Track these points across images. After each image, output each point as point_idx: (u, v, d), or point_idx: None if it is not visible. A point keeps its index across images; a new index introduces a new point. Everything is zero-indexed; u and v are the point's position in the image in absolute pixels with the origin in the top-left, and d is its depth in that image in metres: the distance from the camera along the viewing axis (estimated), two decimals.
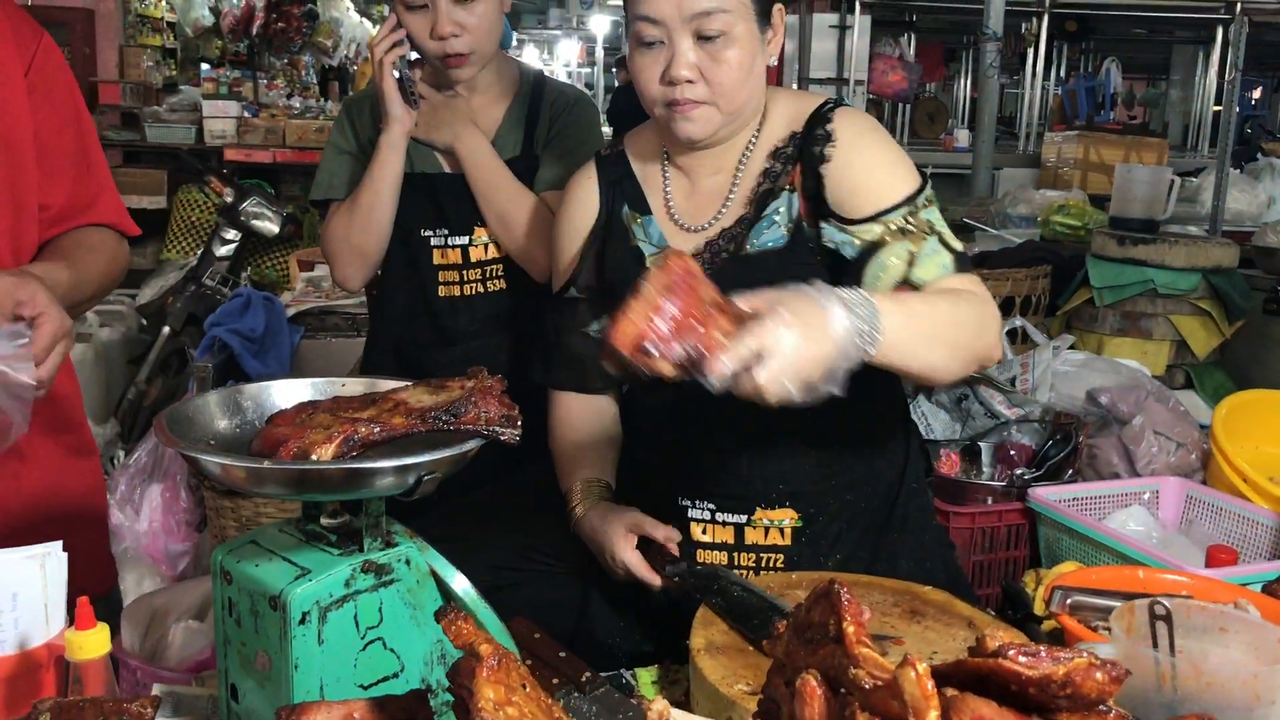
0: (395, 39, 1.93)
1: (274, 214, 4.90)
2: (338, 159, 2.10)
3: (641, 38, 1.52)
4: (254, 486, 1.13)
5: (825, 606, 0.99)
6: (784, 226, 1.58)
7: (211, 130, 7.54)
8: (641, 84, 1.55)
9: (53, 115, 1.66)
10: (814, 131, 1.57)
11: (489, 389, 1.20)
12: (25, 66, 1.62)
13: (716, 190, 1.64)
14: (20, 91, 1.61)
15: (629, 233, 1.68)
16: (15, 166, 1.60)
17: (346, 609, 1.17)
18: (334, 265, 2.07)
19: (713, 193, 1.64)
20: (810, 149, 1.57)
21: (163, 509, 2.68)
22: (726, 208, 1.62)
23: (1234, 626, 1.32)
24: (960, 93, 12.97)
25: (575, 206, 1.73)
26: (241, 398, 1.27)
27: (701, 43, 1.50)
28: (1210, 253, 3.82)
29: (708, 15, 1.49)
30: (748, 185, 1.62)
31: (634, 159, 1.72)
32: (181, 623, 1.58)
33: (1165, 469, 2.41)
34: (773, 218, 1.58)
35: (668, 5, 1.49)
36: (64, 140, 1.68)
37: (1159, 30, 11.46)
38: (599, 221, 1.70)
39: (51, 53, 1.69)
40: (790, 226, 1.58)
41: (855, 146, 1.55)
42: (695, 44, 1.51)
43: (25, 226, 1.63)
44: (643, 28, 1.51)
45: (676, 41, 1.50)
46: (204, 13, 8.80)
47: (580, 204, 1.72)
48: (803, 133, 1.59)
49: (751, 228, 1.59)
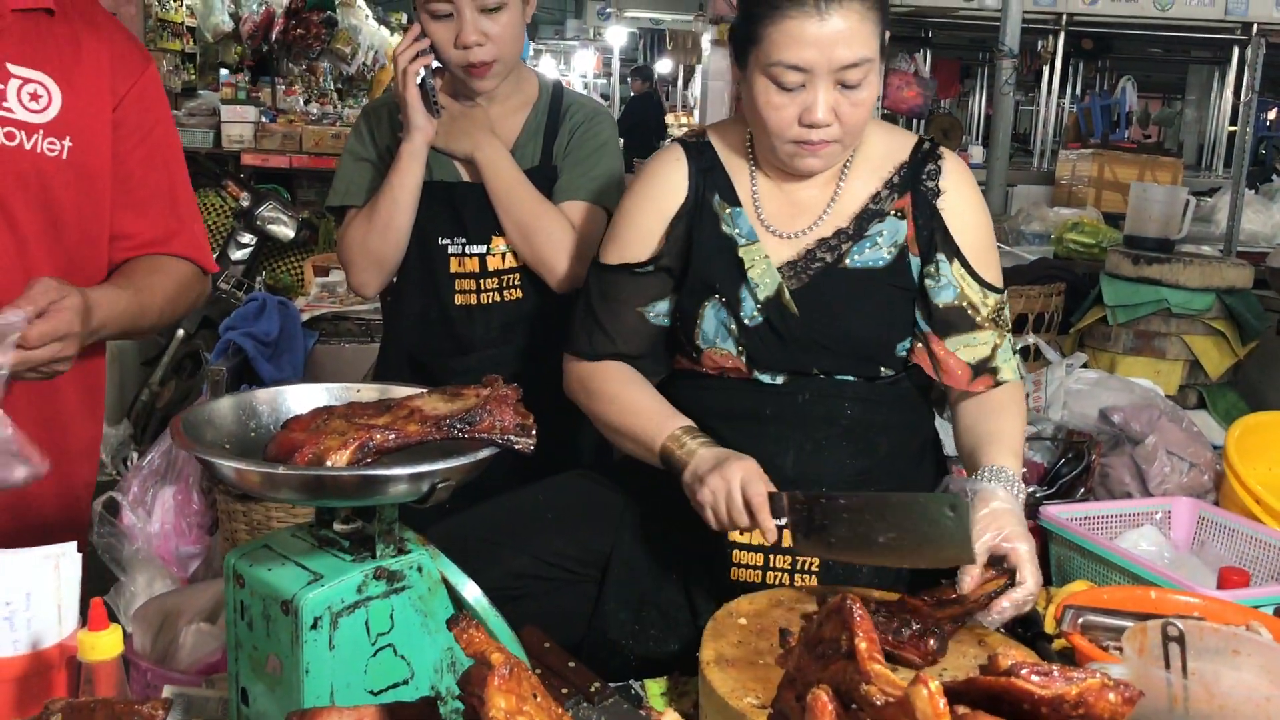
0: (420, 48, 1.94)
1: (290, 219, 4.92)
2: (356, 165, 2.10)
3: (783, 83, 1.55)
4: (268, 491, 1.14)
5: (837, 622, 0.99)
6: (886, 249, 1.66)
7: (229, 135, 7.58)
8: (774, 123, 1.58)
9: (143, 149, 1.70)
10: (925, 166, 1.69)
11: (504, 398, 1.20)
12: (116, 101, 1.65)
13: (814, 201, 1.69)
14: (105, 124, 1.64)
15: (720, 220, 1.70)
16: (87, 195, 1.64)
17: (358, 615, 1.17)
18: (350, 272, 2.08)
19: (809, 204, 1.69)
20: (922, 182, 1.68)
21: (175, 511, 2.68)
22: (824, 219, 1.68)
23: (1247, 649, 1.31)
24: (975, 109, 12.96)
25: (662, 184, 1.73)
26: (257, 402, 1.28)
27: (841, 88, 1.55)
28: (1224, 273, 3.81)
29: (855, 66, 1.54)
30: (848, 201, 1.68)
31: (721, 151, 1.74)
32: (193, 625, 1.58)
33: (1178, 489, 2.40)
34: (875, 238, 1.66)
35: (818, 56, 1.52)
36: (153, 175, 1.72)
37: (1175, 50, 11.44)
38: (687, 204, 1.71)
39: (151, 85, 1.72)
40: (894, 250, 1.66)
41: (969, 201, 1.70)
42: (834, 88, 1.55)
43: (90, 254, 1.67)
44: (785, 74, 1.54)
45: (819, 87, 1.55)
46: (224, 18, 8.85)
47: (669, 183, 1.72)
48: (909, 164, 1.69)
49: (851, 242, 1.66)
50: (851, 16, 1.52)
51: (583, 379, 1.75)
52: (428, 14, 1.92)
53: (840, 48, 1.52)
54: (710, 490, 1.50)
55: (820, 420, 1.66)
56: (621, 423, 1.68)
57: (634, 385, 1.71)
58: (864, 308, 1.66)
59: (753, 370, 1.67)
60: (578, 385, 1.77)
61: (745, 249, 1.68)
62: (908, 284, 1.67)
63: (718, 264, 1.68)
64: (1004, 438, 1.64)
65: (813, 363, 1.66)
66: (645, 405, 1.67)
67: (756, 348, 1.66)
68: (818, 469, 1.66)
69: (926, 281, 1.67)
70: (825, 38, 1.51)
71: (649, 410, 1.66)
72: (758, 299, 1.65)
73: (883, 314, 1.67)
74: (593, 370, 1.75)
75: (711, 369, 1.70)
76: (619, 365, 1.74)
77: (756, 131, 1.66)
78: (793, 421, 1.66)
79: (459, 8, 1.90)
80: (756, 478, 1.50)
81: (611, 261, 1.74)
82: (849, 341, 1.65)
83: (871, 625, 0.96)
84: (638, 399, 1.68)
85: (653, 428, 1.63)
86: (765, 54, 1.55)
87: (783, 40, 1.53)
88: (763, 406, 1.67)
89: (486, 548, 1.69)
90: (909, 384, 1.73)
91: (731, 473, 1.49)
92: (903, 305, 1.68)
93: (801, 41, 1.52)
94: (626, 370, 1.73)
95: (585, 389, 1.75)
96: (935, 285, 1.67)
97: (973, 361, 1.68)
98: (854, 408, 1.67)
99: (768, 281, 1.65)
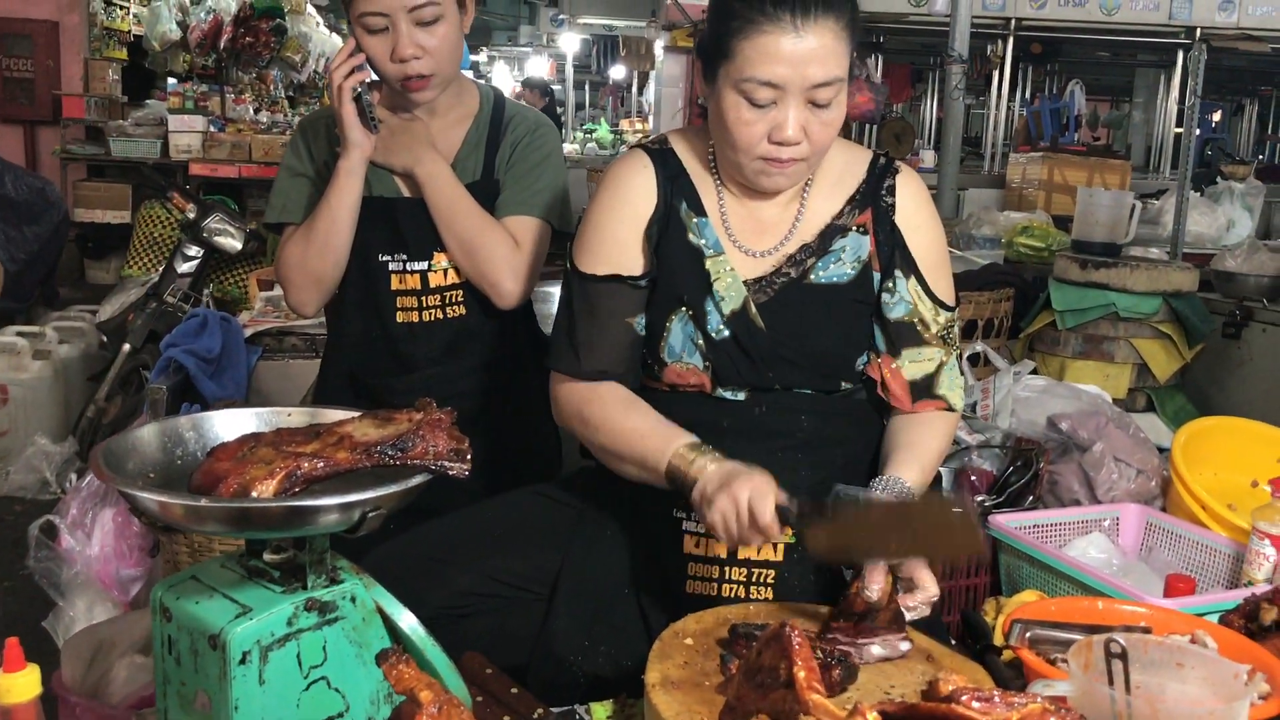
0: (354, 63, 1.90)
1: (237, 230, 4.85)
2: (293, 181, 2.06)
3: (754, 99, 1.53)
4: (193, 524, 1.11)
5: (776, 650, 0.98)
6: (850, 264, 1.67)
7: (177, 145, 7.48)
8: (743, 139, 1.56)
9: None
10: (883, 182, 1.69)
11: (437, 422, 1.18)
12: None
13: (778, 220, 1.69)
14: None
15: (687, 229, 1.68)
16: None
17: (289, 648, 1.14)
18: (288, 291, 2.03)
19: (774, 222, 1.69)
20: (881, 198, 1.69)
21: (115, 533, 2.63)
22: (790, 237, 1.68)
23: (1191, 662, 1.32)
24: (927, 113, 13.05)
25: (633, 191, 1.69)
26: (182, 429, 1.25)
27: (811, 106, 1.54)
28: (1170, 277, 3.86)
29: (827, 86, 1.53)
30: (812, 218, 1.68)
31: (685, 159, 1.72)
32: (126, 657, 1.54)
33: (1125, 495, 2.42)
34: (839, 254, 1.67)
35: (791, 74, 1.51)
36: None
37: (1122, 53, 11.59)
38: (658, 211, 1.68)
39: None
40: (857, 265, 1.67)
41: (924, 216, 1.71)
42: (804, 106, 1.54)
43: None
44: (757, 90, 1.52)
45: (790, 105, 1.53)
46: (171, 26, 8.72)
47: (640, 190, 1.69)
48: (867, 180, 1.70)
49: (816, 258, 1.66)
50: (826, 35, 1.51)
51: (579, 408, 1.68)
52: (362, 27, 1.88)
53: (814, 66, 1.51)
54: (719, 512, 1.45)
55: (776, 433, 1.66)
56: (626, 449, 1.61)
57: (633, 409, 1.64)
58: (828, 323, 1.65)
59: (716, 387, 1.65)
60: (572, 414, 1.69)
61: (712, 260, 1.66)
62: (870, 299, 1.68)
63: (685, 274, 1.66)
64: (916, 450, 1.62)
65: (776, 378, 1.65)
66: (647, 427, 1.61)
67: (723, 362, 1.64)
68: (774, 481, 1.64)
69: (883, 296, 1.68)
70: (800, 55, 1.50)
71: (651, 431, 1.60)
72: (723, 312, 1.64)
73: (846, 329, 1.67)
74: (588, 397, 1.67)
75: (673, 384, 1.68)
76: (612, 388, 1.67)
77: (722, 147, 1.63)
78: (750, 434, 1.65)
79: (394, 21, 1.86)
80: (765, 493, 1.43)
81: (598, 272, 1.68)
82: (813, 357, 1.65)
83: (811, 654, 0.94)
84: (639, 422, 1.62)
85: (656, 448, 1.56)
86: (737, 69, 1.53)
87: (757, 56, 1.51)
88: (720, 419, 1.66)
89: (433, 566, 1.67)
90: (864, 397, 1.73)
91: (739, 491, 1.43)
92: (863, 320, 1.68)
93: (776, 58, 1.50)
94: (621, 392, 1.67)
95: (581, 418, 1.67)
96: (890, 300, 1.68)
97: (917, 377, 1.68)
98: (810, 420, 1.66)
99: (734, 295, 1.64)
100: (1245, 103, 15.08)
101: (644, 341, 1.69)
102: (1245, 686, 1.29)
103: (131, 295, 5.07)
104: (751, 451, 1.63)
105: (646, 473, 1.58)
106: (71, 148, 7.81)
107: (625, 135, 14.14)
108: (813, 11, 1.50)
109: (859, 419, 1.72)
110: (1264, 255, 4.14)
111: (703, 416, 1.65)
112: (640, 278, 1.68)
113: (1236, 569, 2.07)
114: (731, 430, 1.65)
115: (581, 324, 1.68)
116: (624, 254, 1.68)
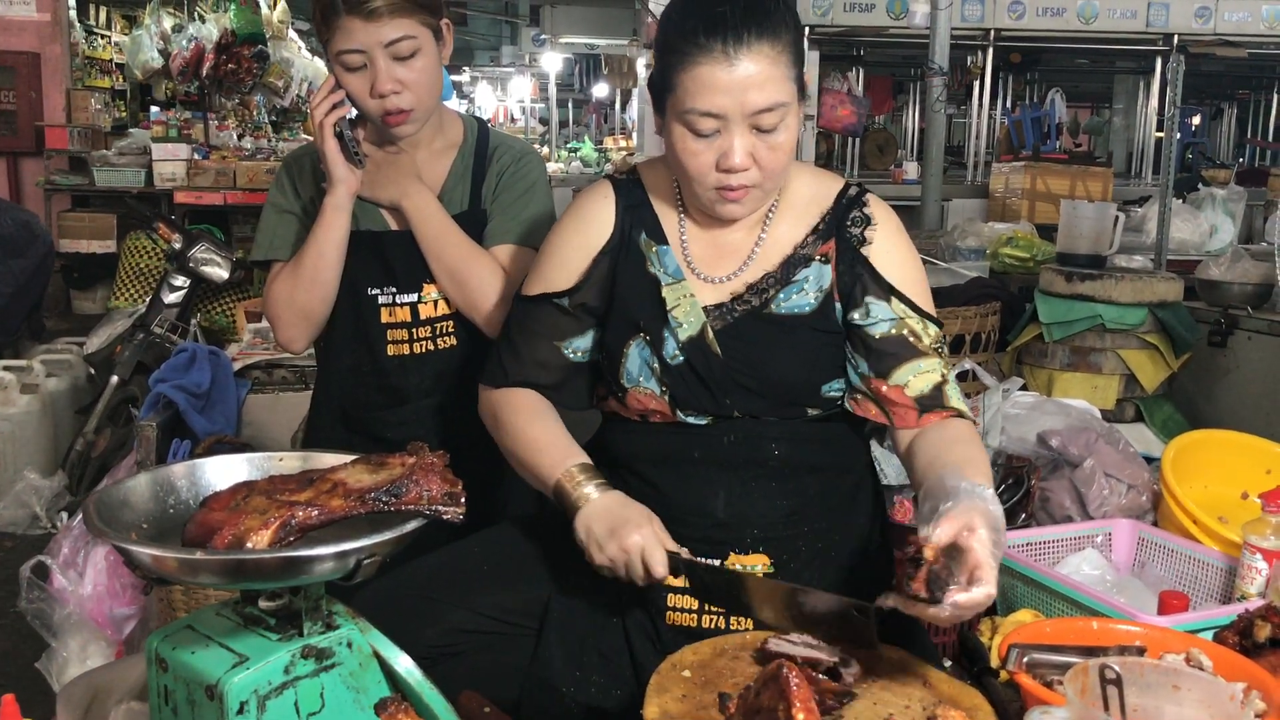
0: (335, 100, 1.91)
1: (223, 259, 4.84)
2: (279, 218, 2.06)
3: (698, 130, 1.54)
4: (187, 577, 1.11)
5: (774, 690, 0.98)
6: (812, 294, 1.66)
7: (161, 173, 7.47)
8: (693, 169, 1.58)
9: None
10: (850, 213, 1.68)
11: (430, 465, 1.18)
12: None
13: (740, 246, 1.69)
14: None
15: (645, 259, 1.69)
16: None
17: (286, 696, 1.14)
18: (277, 328, 2.03)
19: (736, 248, 1.69)
20: (847, 229, 1.67)
21: (107, 572, 2.61)
22: (750, 264, 1.68)
23: (1187, 684, 1.32)
24: (909, 124, 13.11)
25: (590, 220, 1.72)
26: (175, 478, 1.25)
27: (757, 132, 1.55)
28: (1155, 287, 3.88)
29: (769, 111, 1.53)
30: (774, 246, 1.68)
31: (650, 188, 1.74)
32: (123, 704, 1.52)
33: (1117, 511, 2.42)
34: (802, 284, 1.66)
35: (729, 102, 1.51)
36: None
37: (1100, 61, 11.69)
38: (612, 241, 1.70)
39: None
40: (819, 295, 1.66)
41: (900, 248, 1.69)
42: (750, 132, 1.54)
43: None
44: (699, 121, 1.54)
45: (734, 133, 1.54)
46: (153, 55, 8.73)
47: (596, 219, 1.72)
48: (834, 209, 1.69)
49: (778, 288, 1.66)
50: (762, 61, 1.51)
51: (494, 409, 1.74)
52: (341, 65, 1.89)
53: (752, 92, 1.51)
54: (610, 559, 1.52)
55: (748, 461, 1.65)
56: (525, 457, 1.66)
57: (539, 416, 1.69)
58: (787, 352, 1.65)
59: (676, 411, 1.66)
60: (488, 413, 1.76)
61: (670, 288, 1.67)
62: (833, 328, 1.66)
63: (641, 302, 1.67)
64: (976, 463, 1.58)
65: (735, 405, 1.64)
66: (546, 440, 1.66)
67: (679, 387, 1.64)
68: (746, 510, 1.65)
69: (858, 321, 1.66)
70: (736, 83, 1.51)
71: (550, 445, 1.65)
72: (679, 339, 1.64)
73: (807, 358, 1.65)
74: (502, 398, 1.73)
75: (637, 410, 1.68)
76: (527, 393, 1.73)
77: (679, 177, 1.66)
78: (721, 463, 1.65)
79: (372, 57, 1.87)
80: (655, 545, 1.51)
81: (532, 292, 1.74)
82: (771, 384, 1.64)
83: (809, 694, 0.95)
84: (539, 433, 1.67)
85: (550, 463, 1.61)
86: (679, 101, 1.55)
87: (694, 87, 1.52)
88: (690, 449, 1.66)
89: (424, 604, 1.66)
90: (840, 422, 1.72)
91: (631, 544, 1.51)
92: (828, 349, 1.67)
93: (713, 88, 1.51)
94: (533, 398, 1.72)
95: (494, 418, 1.74)
96: (869, 321, 1.65)
97: (925, 390, 1.64)
98: (781, 448, 1.66)
99: (691, 321, 1.65)
100: (1224, 107, 15.20)
101: (584, 367, 1.73)
102: (1242, 707, 1.29)
103: (119, 327, 5.05)
104: (723, 480, 1.65)
105: (540, 485, 1.64)
106: (55, 178, 7.80)
107: (610, 153, 14.16)
108: (745, 39, 1.50)
109: (834, 445, 1.71)
110: (1247, 263, 4.17)
111: (673, 447, 1.66)
112: (563, 294, 1.70)
113: (1229, 583, 2.08)
114: (703, 460, 1.65)
115: (513, 340, 1.74)
116: (559, 274, 1.72)
